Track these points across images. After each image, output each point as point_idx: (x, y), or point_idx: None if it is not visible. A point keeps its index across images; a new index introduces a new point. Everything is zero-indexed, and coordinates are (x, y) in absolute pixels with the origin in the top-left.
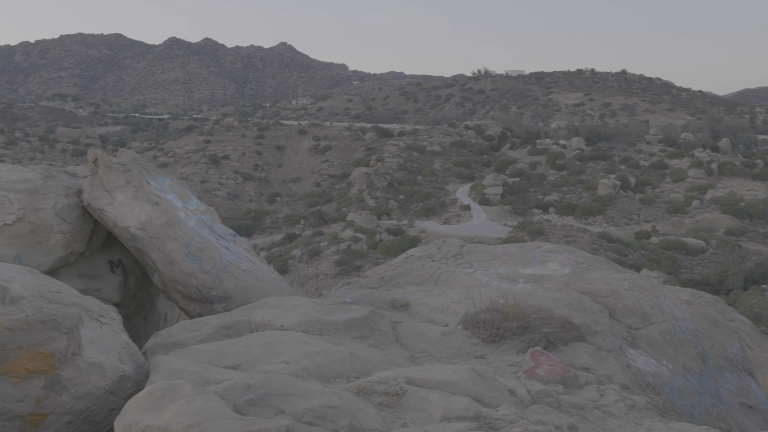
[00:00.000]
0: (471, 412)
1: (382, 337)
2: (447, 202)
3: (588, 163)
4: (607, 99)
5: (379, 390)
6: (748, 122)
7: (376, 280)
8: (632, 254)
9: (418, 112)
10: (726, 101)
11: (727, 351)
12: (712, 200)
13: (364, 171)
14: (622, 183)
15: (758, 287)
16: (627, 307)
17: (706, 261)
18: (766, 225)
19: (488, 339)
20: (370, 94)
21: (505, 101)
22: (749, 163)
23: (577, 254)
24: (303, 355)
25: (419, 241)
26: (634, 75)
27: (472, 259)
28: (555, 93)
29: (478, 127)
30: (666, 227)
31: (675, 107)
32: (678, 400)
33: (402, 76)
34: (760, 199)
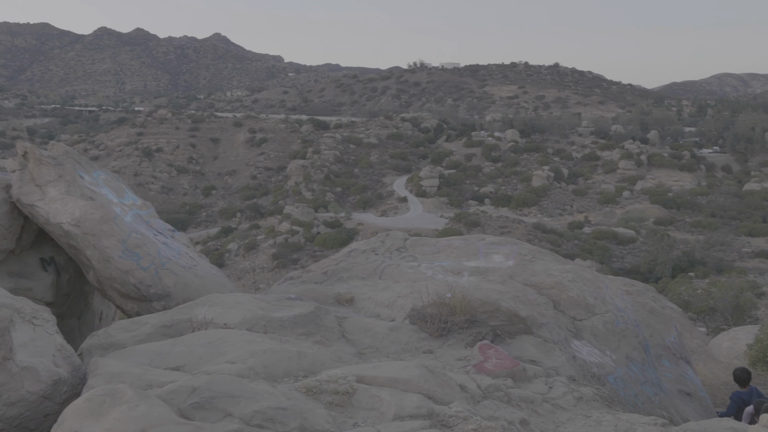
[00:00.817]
0: (423, 410)
1: (328, 333)
2: (384, 195)
3: (522, 155)
4: (540, 92)
5: (329, 389)
6: (676, 115)
7: (319, 274)
8: (566, 244)
9: (354, 104)
10: (654, 94)
11: (665, 340)
12: (641, 191)
13: (301, 163)
14: (555, 174)
15: (686, 275)
16: (571, 299)
17: (637, 250)
18: (693, 215)
19: (436, 333)
20: (306, 86)
21: (441, 94)
22: (676, 155)
23: (521, 246)
24: (249, 355)
25: (357, 233)
26: (566, 68)
27: (416, 253)
28: (490, 86)
29: (414, 120)
30: (598, 217)
31: (606, 100)
32: (622, 390)
33: (338, 68)
34: (686, 190)
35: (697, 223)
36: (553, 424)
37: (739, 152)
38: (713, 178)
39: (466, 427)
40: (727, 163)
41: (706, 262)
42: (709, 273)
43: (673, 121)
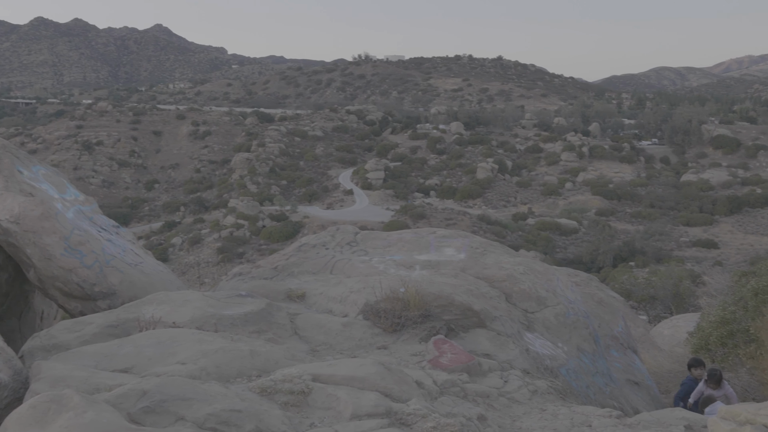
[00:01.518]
0: (381, 408)
1: (280, 330)
2: (330, 187)
3: (467, 147)
4: (484, 84)
5: (284, 389)
6: (616, 108)
7: (269, 270)
8: (510, 235)
9: (299, 96)
10: (595, 87)
11: (613, 330)
12: (583, 182)
13: (246, 156)
14: (499, 166)
15: (626, 264)
16: (523, 291)
17: (579, 240)
18: (633, 205)
19: (390, 328)
20: (250, 78)
21: (386, 86)
22: (617, 147)
23: (472, 239)
24: (200, 355)
25: (303, 226)
26: (509, 61)
27: (367, 247)
28: (434, 78)
29: (359, 112)
30: (541, 209)
31: (548, 93)
32: (574, 382)
33: (282, 60)
34: (627, 181)
35: (637, 213)
36: (509, 418)
37: (677, 144)
38: (652, 169)
39: (424, 425)
40: (665, 154)
41: (646, 251)
42: (649, 262)
43: (613, 113)
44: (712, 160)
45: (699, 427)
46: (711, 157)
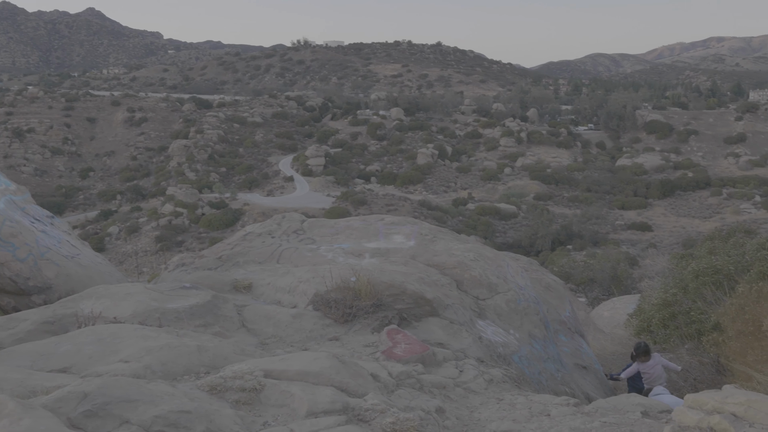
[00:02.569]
0: (338, 405)
1: (227, 323)
2: (270, 174)
3: (407, 133)
4: (423, 70)
5: (235, 386)
6: (553, 93)
7: (213, 260)
8: (450, 220)
9: (237, 82)
10: (533, 74)
11: (561, 314)
12: (522, 167)
13: (183, 143)
14: (439, 152)
15: (564, 248)
16: (474, 278)
17: (518, 225)
18: (570, 190)
19: (341, 319)
20: (187, 63)
21: (326, 72)
22: (554, 132)
23: (421, 226)
24: (144, 352)
25: (243, 214)
26: (448, 47)
27: (314, 235)
28: (374, 64)
29: (299, 98)
30: (481, 194)
31: (487, 79)
32: (527, 369)
33: (220, 45)
34: (564, 166)
35: (574, 197)
36: (467, 409)
37: (612, 129)
38: (588, 154)
39: (383, 420)
40: (601, 139)
41: (583, 235)
42: (586, 245)
43: (550, 99)
44: (646, 144)
45: (655, 413)
46: (645, 141)
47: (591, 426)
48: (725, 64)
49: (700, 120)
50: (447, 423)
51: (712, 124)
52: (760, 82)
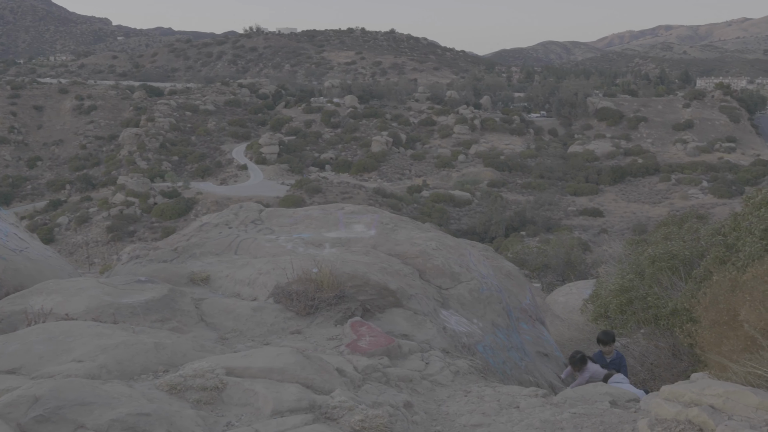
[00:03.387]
0: (305, 402)
1: (185, 318)
2: (223, 163)
3: (361, 120)
4: (377, 58)
5: (196, 385)
6: (506, 81)
7: (168, 251)
8: (405, 208)
9: (189, 70)
10: (486, 61)
11: (522, 302)
12: (475, 154)
13: (134, 132)
14: (394, 140)
15: (518, 234)
16: (436, 268)
17: (472, 212)
18: (523, 176)
19: (303, 312)
20: (137, 50)
21: (279, 59)
22: (507, 119)
23: (381, 215)
24: (99, 350)
25: (196, 203)
26: (402, 35)
27: (272, 225)
28: (327, 51)
29: (252, 86)
30: (435, 181)
31: (440, 66)
32: (491, 358)
33: (170, 32)
34: (517, 153)
35: (527, 184)
36: (434, 403)
37: (564, 116)
38: (541, 141)
39: (352, 418)
40: (553, 126)
41: (536, 221)
42: (539, 231)
43: (503, 86)
44: (597, 131)
45: (623, 402)
46: (596, 128)
47: (561, 417)
48: (673, 52)
49: (649, 107)
50: (416, 418)
51: (661, 111)
52: (707, 69)
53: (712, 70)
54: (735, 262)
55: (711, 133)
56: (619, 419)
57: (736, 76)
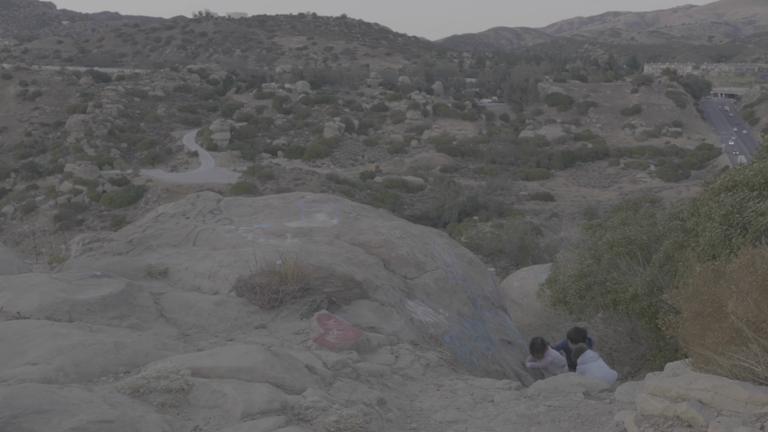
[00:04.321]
0: (276, 404)
1: (144, 314)
2: (173, 149)
3: (313, 106)
4: (329, 43)
5: (160, 387)
6: (457, 66)
7: (123, 243)
8: (358, 194)
9: (137, 55)
10: (437, 47)
11: (484, 290)
12: (428, 140)
13: (81, 118)
14: (346, 125)
15: (470, 219)
16: (401, 257)
17: (425, 197)
18: (476, 161)
19: (267, 305)
20: (83, 35)
21: (229, 44)
22: (459, 105)
23: (343, 203)
24: (55, 352)
25: (146, 190)
26: (354, 20)
27: (231, 215)
28: (278, 37)
29: (202, 71)
30: (388, 167)
31: (392, 52)
32: (458, 349)
33: (117, 16)
34: (469, 138)
35: (480, 169)
36: (407, 398)
37: (515, 102)
38: (493, 126)
39: (326, 419)
40: (504, 112)
41: (489, 205)
42: (492, 216)
43: (455, 72)
44: (548, 116)
45: (596, 393)
46: (546, 114)
47: (537, 411)
48: (621, 38)
49: (598, 92)
50: (390, 416)
51: (610, 96)
52: (654, 55)
53: (659, 56)
54: (695, 247)
55: (658, 117)
56: (595, 411)
57: (682, 62)
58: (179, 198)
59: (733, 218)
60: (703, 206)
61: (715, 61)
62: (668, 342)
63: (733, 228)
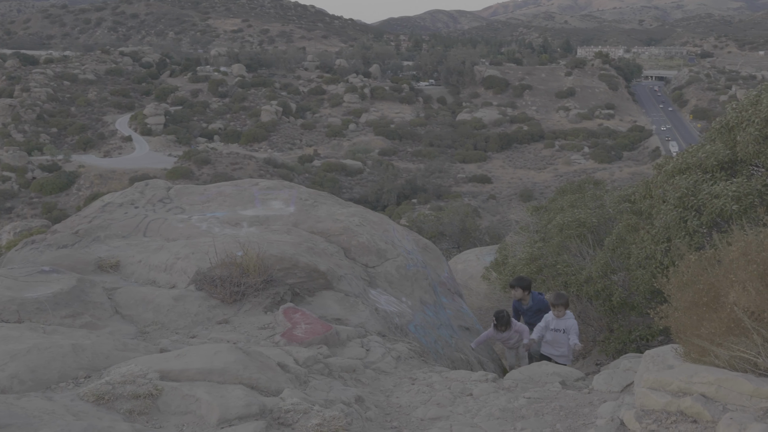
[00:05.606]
0: (254, 408)
1: (98, 311)
2: (106, 134)
3: (250, 90)
4: (265, 26)
5: (126, 393)
6: (394, 49)
7: (68, 235)
8: (297, 178)
9: (65, 37)
10: (374, 29)
11: (440, 275)
12: (366, 123)
13: (8, 103)
14: (283, 109)
15: (409, 201)
16: (362, 245)
17: (364, 180)
18: (413, 144)
19: (229, 299)
20: (8, 16)
21: (162, 26)
22: (397, 88)
23: (299, 190)
24: (8, 357)
25: (78, 176)
26: (289, 2)
27: (183, 203)
28: (213, 19)
29: (134, 54)
30: (326, 150)
31: (329, 34)
32: (423, 338)
33: None
34: (407, 121)
35: (418, 152)
36: (382, 394)
37: (452, 85)
38: (430, 109)
39: (308, 422)
40: (441, 95)
41: (427, 188)
42: (430, 199)
43: (392, 55)
44: (484, 99)
45: (572, 382)
46: (483, 96)
47: (518, 404)
48: (555, 22)
49: (533, 75)
50: (369, 414)
51: (545, 79)
52: (587, 39)
53: (592, 39)
54: (649, 230)
55: (591, 100)
56: (575, 402)
57: (614, 46)
58: (113, 184)
59: (688, 201)
60: (657, 189)
61: (645, 44)
62: (621, 324)
63: (688, 210)
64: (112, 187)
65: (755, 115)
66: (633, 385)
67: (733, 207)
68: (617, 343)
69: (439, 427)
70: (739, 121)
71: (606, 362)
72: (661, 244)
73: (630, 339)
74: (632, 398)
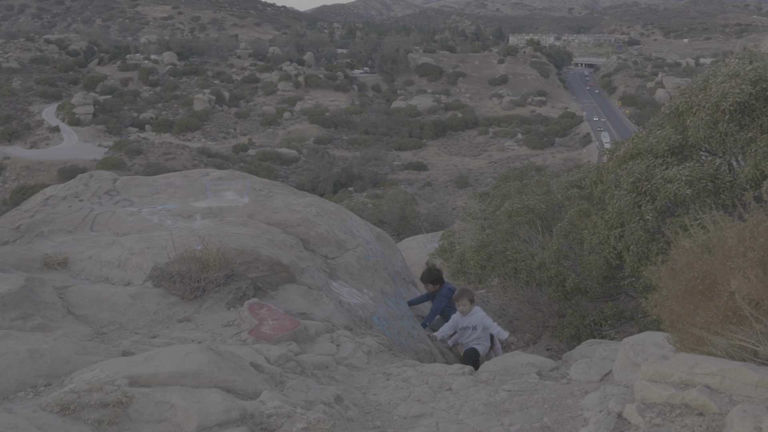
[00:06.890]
0: (235, 413)
1: (50, 312)
2: (32, 125)
3: (182, 78)
4: (196, 13)
5: (93, 402)
6: (328, 37)
7: (9, 231)
8: (232, 167)
9: None
10: (307, 17)
11: (395, 265)
12: (301, 111)
13: None
14: (217, 98)
15: (346, 189)
16: (320, 236)
17: (300, 169)
18: (349, 132)
19: (189, 295)
20: None
21: (89, 13)
22: (331, 76)
23: (252, 180)
24: None
25: (3, 169)
26: None
27: (131, 195)
28: (142, 6)
29: (60, 42)
30: (261, 139)
31: (262, 22)
32: (387, 330)
33: None
34: (342, 109)
35: (353, 140)
36: (358, 391)
37: (387, 72)
38: (365, 97)
39: (292, 427)
40: (376, 82)
41: (363, 176)
42: (366, 186)
43: (326, 43)
44: (419, 87)
45: (547, 372)
46: (417, 84)
47: (500, 398)
48: (487, 9)
49: (467, 63)
50: (350, 414)
51: (478, 66)
52: (518, 26)
53: (523, 27)
54: (602, 215)
55: (524, 87)
56: (557, 394)
57: (545, 33)
58: (40, 176)
59: (642, 186)
60: (609, 174)
61: (575, 32)
62: (574, 310)
63: (642, 195)
64: (40, 179)
65: (705, 101)
66: (612, 374)
67: (686, 191)
68: (571, 328)
69: (424, 425)
70: (688, 106)
71: (558, 348)
72: (614, 230)
73: (584, 324)
74: (614, 388)
